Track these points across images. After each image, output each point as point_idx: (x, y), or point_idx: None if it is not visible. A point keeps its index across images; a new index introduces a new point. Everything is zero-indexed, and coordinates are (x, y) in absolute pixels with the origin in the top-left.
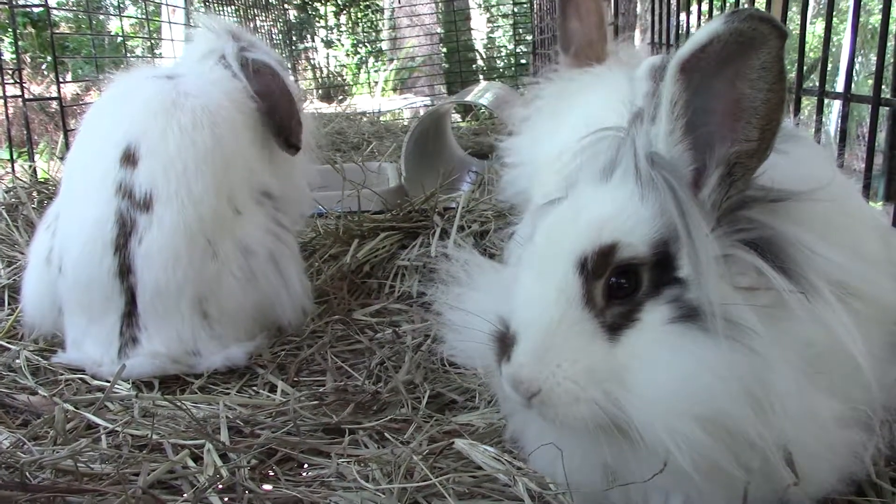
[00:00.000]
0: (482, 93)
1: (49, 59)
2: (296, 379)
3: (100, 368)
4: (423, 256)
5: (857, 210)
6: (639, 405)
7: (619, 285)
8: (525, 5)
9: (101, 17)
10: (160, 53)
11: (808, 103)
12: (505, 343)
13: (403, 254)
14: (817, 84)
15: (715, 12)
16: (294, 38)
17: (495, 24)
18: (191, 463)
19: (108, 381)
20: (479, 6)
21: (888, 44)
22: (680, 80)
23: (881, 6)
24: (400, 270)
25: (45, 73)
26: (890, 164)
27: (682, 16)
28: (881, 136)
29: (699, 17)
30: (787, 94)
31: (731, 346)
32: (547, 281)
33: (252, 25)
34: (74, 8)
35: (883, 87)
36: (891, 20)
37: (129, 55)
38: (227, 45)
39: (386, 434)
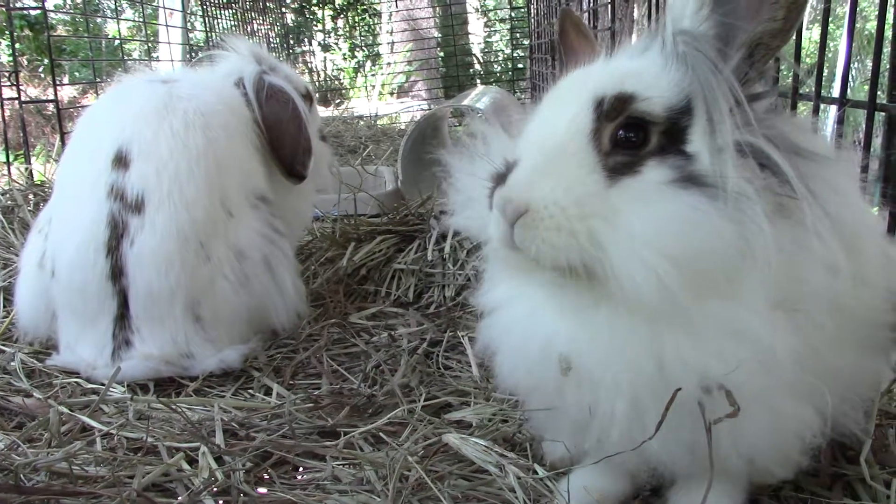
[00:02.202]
0: (479, 97)
1: (46, 61)
2: (291, 382)
3: (94, 371)
4: (420, 260)
5: (861, 210)
6: (620, 241)
7: (628, 138)
8: (522, 10)
9: (99, 19)
10: (157, 57)
11: (804, 108)
12: (504, 177)
13: (400, 257)
14: (814, 89)
15: None
16: (291, 42)
17: (492, 29)
18: (185, 466)
19: (103, 384)
20: (477, 11)
21: (884, 49)
22: None
23: (877, 12)
24: (396, 274)
25: (42, 75)
26: (885, 170)
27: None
28: (877, 142)
29: None
30: None
31: (727, 211)
32: (560, 112)
33: (249, 29)
34: (72, 11)
35: (879, 92)
36: (887, 25)
37: (126, 58)
38: (247, 67)
39: (382, 436)
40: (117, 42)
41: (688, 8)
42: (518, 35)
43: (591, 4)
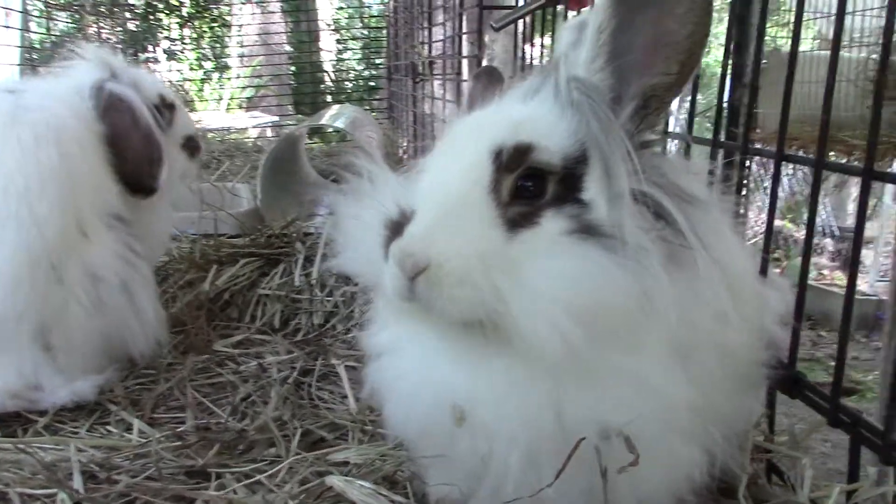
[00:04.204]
0: (337, 116)
1: None
2: (152, 416)
3: None
4: (286, 285)
5: (738, 252)
6: (522, 295)
7: (526, 188)
8: (379, 30)
9: None
10: None
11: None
12: (399, 226)
13: (264, 282)
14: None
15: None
16: (136, 49)
17: (345, 47)
18: None
19: None
20: (329, 27)
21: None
22: (611, 7)
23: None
24: (261, 299)
25: None
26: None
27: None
28: None
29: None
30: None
31: (626, 264)
32: (458, 162)
33: (90, 32)
34: None
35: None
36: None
37: None
38: (90, 76)
39: (257, 476)
40: None
41: (581, 57)
42: (371, 54)
43: (457, 30)
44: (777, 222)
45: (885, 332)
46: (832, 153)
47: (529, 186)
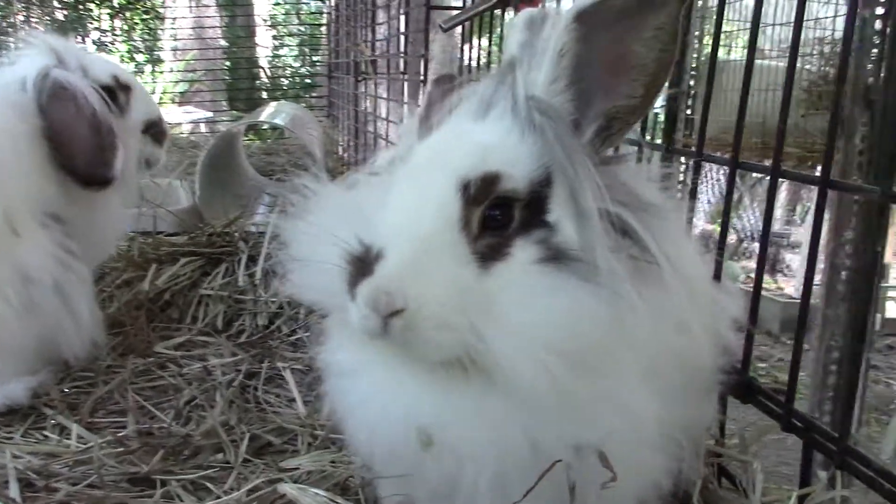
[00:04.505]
0: (276, 113)
1: None
2: (91, 421)
3: None
4: (228, 285)
5: (694, 259)
6: (503, 334)
7: (494, 217)
8: (320, 26)
9: None
10: None
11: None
12: (365, 263)
13: (206, 282)
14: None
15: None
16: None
17: (282, 43)
18: None
19: None
20: (265, 22)
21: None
22: (573, 29)
23: None
24: (203, 299)
25: None
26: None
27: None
28: None
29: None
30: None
31: (601, 292)
32: (425, 197)
33: (11, 21)
34: None
35: None
36: None
37: None
38: (34, 65)
39: (205, 483)
40: None
41: (540, 78)
42: (307, 50)
43: (402, 29)
44: (707, 226)
45: (816, 336)
46: (767, 160)
47: (497, 216)
